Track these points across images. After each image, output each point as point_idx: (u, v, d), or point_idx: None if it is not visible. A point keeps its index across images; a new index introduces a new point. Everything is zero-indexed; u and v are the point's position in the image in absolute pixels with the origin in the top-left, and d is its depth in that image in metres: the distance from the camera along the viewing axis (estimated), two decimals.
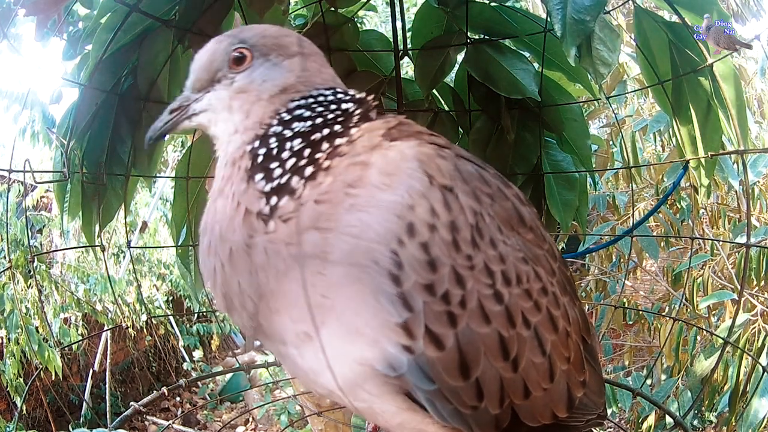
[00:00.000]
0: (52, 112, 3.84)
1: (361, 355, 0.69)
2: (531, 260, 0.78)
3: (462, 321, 0.69)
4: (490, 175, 0.80)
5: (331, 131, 0.78)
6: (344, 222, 0.69)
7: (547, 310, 0.78)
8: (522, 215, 0.81)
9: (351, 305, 0.68)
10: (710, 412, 3.12)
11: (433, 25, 1.72)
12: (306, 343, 0.72)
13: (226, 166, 0.79)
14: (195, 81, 0.85)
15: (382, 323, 0.67)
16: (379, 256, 0.67)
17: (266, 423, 5.73)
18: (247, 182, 0.75)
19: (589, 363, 0.89)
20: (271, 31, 0.85)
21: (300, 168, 0.74)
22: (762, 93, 3.73)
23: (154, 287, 6.28)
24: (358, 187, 0.70)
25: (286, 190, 0.73)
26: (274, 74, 0.82)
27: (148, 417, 5.43)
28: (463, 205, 0.72)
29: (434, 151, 0.75)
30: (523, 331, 0.74)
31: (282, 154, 0.76)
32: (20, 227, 4.12)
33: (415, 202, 0.69)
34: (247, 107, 0.80)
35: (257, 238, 0.72)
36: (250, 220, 0.73)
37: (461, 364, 0.70)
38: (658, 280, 3.93)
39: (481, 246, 0.72)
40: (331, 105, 0.81)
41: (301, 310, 0.70)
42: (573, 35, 1.20)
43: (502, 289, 0.73)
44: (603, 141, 3.53)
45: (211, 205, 0.79)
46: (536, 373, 0.76)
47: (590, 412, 0.90)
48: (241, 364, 1.98)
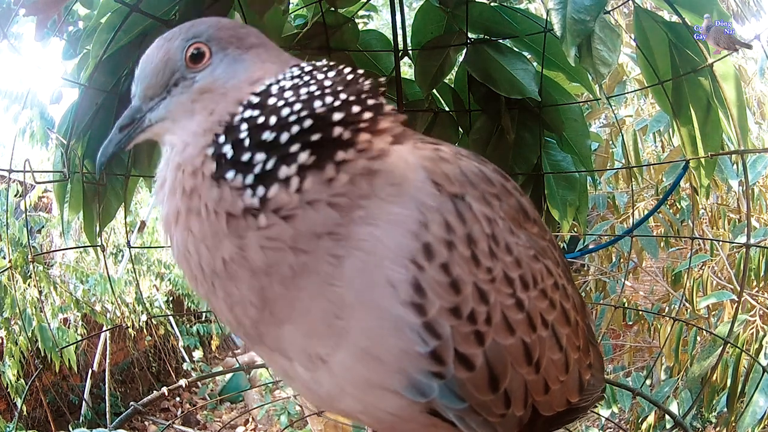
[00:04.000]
0: (52, 112, 3.84)
1: (383, 382, 0.66)
2: (540, 255, 0.77)
3: (489, 337, 0.67)
4: (490, 171, 0.76)
5: (346, 109, 0.68)
6: (356, 235, 0.64)
7: (560, 305, 0.77)
8: (525, 208, 0.79)
9: (368, 331, 0.64)
10: (710, 412, 3.12)
11: (433, 25, 1.72)
12: (320, 367, 0.68)
13: (186, 176, 0.68)
14: (146, 88, 0.75)
15: (405, 351, 0.64)
16: (394, 275, 0.63)
17: (266, 423, 5.73)
18: (218, 187, 0.66)
19: (591, 343, 0.89)
20: (225, 23, 0.78)
21: (291, 155, 0.65)
22: (762, 93, 3.73)
23: (153, 287, 6.28)
24: (366, 198, 0.65)
25: (273, 178, 0.64)
26: (238, 69, 0.73)
27: (148, 417, 5.42)
28: (476, 213, 0.68)
29: (435, 154, 0.71)
30: (543, 332, 0.73)
31: (257, 138, 0.66)
32: (19, 227, 4.12)
33: (428, 218, 0.64)
34: (212, 106, 0.71)
35: (249, 237, 0.65)
36: (236, 223, 0.65)
37: (491, 379, 0.68)
38: (658, 281, 3.93)
39: (498, 255, 0.69)
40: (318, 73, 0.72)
41: (312, 326, 0.66)
42: (573, 35, 1.20)
43: (522, 295, 0.71)
44: (603, 140, 3.53)
45: (181, 228, 0.68)
46: (555, 369, 0.76)
47: (596, 392, 0.91)
48: (241, 364, 1.97)
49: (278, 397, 4.87)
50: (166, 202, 0.71)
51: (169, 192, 0.70)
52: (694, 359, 2.48)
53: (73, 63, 1.53)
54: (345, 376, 0.67)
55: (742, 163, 1.36)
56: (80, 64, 1.51)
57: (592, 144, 1.82)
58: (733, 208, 3.52)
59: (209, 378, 5.95)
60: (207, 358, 7.31)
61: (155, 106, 0.75)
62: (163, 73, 0.74)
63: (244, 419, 5.94)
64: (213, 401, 6.07)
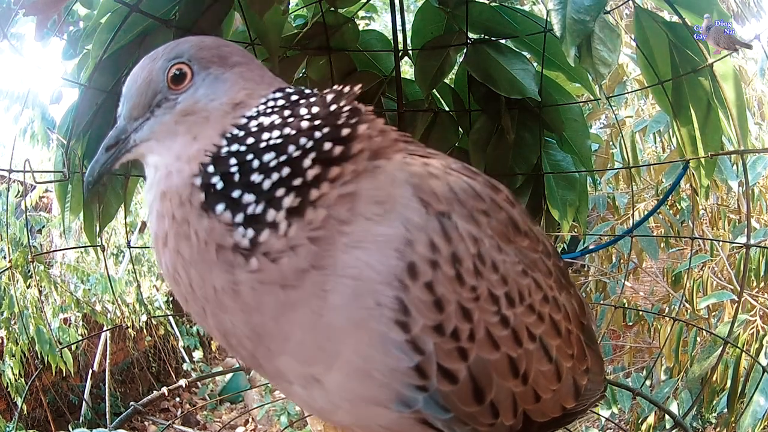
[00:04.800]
0: (52, 113, 3.84)
1: (374, 397, 0.68)
2: (529, 269, 0.77)
3: (472, 353, 0.68)
4: (480, 185, 0.75)
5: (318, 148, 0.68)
6: (342, 263, 0.64)
7: (549, 318, 0.78)
8: (515, 221, 0.78)
9: (358, 351, 0.66)
10: (710, 412, 3.12)
11: (433, 25, 1.72)
12: (314, 385, 0.70)
13: (173, 206, 0.68)
14: (131, 108, 0.76)
15: (392, 368, 0.66)
16: (382, 297, 0.64)
17: (266, 423, 5.73)
18: (207, 217, 0.66)
19: (589, 347, 0.89)
20: (208, 42, 0.77)
21: (276, 199, 0.65)
22: (762, 94, 3.72)
23: (153, 287, 6.27)
24: (349, 223, 0.65)
25: (262, 222, 0.65)
26: (219, 89, 0.73)
27: (148, 417, 5.42)
28: (461, 232, 0.69)
29: (424, 169, 0.71)
30: (530, 346, 0.74)
31: (247, 178, 0.67)
32: (20, 227, 4.12)
33: (414, 237, 0.65)
34: (196, 130, 0.71)
35: (240, 276, 0.65)
36: (226, 256, 0.65)
37: (475, 391, 0.69)
38: (658, 281, 3.93)
39: (483, 273, 0.70)
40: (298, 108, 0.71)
41: (306, 354, 0.68)
42: (573, 35, 1.20)
43: (507, 312, 0.71)
44: (603, 141, 3.53)
45: (170, 252, 0.68)
46: (545, 379, 0.76)
47: (594, 395, 0.91)
48: (241, 365, 1.97)
49: (278, 397, 4.87)
50: (155, 225, 0.71)
51: (157, 218, 0.70)
52: (694, 359, 2.48)
53: (73, 63, 1.53)
54: (337, 392, 0.69)
55: (742, 163, 1.36)
56: (80, 64, 1.51)
57: (592, 144, 1.82)
58: (733, 208, 3.51)
59: (209, 378, 5.95)
60: (207, 358, 7.31)
61: (139, 126, 0.75)
62: (146, 94, 0.75)
63: (244, 419, 5.94)
64: (213, 401, 6.07)
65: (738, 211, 3.44)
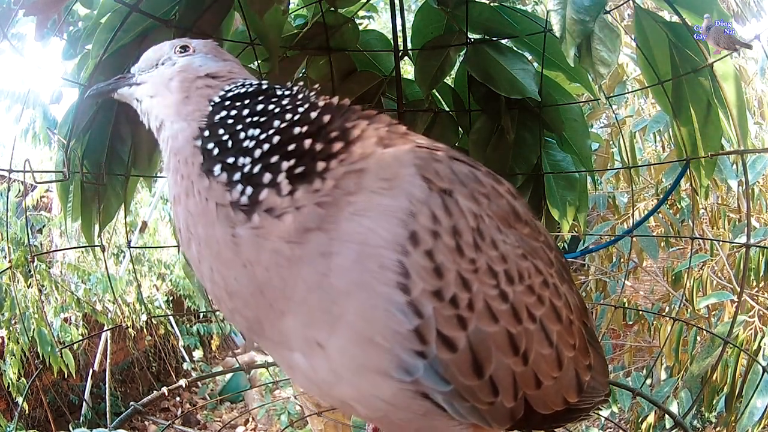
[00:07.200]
0: (52, 112, 3.85)
1: (377, 364, 0.70)
2: (530, 255, 0.80)
3: (471, 322, 0.70)
4: (482, 174, 0.80)
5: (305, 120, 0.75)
6: (347, 229, 0.68)
7: (550, 302, 0.80)
8: (517, 210, 0.82)
9: (362, 314, 0.68)
10: (710, 412, 3.12)
11: (433, 25, 1.72)
12: (317, 352, 0.72)
13: (181, 164, 0.77)
14: (141, 64, 0.92)
15: (394, 331, 0.68)
16: (386, 261, 0.67)
17: (266, 423, 5.74)
18: (207, 178, 0.73)
19: (592, 345, 0.92)
20: (210, 43, 0.94)
21: (272, 164, 0.71)
22: (762, 93, 3.72)
23: (154, 287, 6.28)
24: (356, 194, 0.70)
25: (261, 183, 0.70)
26: (210, 62, 0.88)
27: (148, 417, 5.42)
28: (462, 208, 0.72)
29: (429, 154, 0.75)
30: (530, 325, 0.76)
31: (239, 145, 0.74)
32: (20, 227, 4.13)
33: (417, 209, 0.69)
34: (186, 86, 0.83)
35: (240, 230, 0.70)
36: (226, 212, 0.71)
37: (474, 363, 0.71)
38: (658, 281, 3.93)
39: (482, 248, 0.73)
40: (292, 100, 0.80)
41: (310, 315, 0.70)
42: (573, 36, 1.20)
43: (507, 288, 0.74)
44: (603, 140, 3.53)
45: (182, 209, 0.76)
46: (545, 364, 0.78)
47: (598, 395, 0.92)
48: (241, 364, 1.97)
49: (278, 397, 4.88)
50: (171, 184, 0.79)
51: (172, 174, 0.79)
52: (694, 359, 2.48)
53: (73, 63, 1.53)
54: (340, 360, 0.71)
55: (741, 163, 1.36)
56: (80, 64, 1.51)
57: (592, 144, 1.82)
58: (733, 208, 3.51)
59: (209, 378, 5.95)
60: (207, 358, 7.32)
61: (144, 73, 0.91)
62: (156, 58, 0.91)
63: (244, 419, 5.95)
64: (213, 401, 6.08)
65: (738, 211, 3.44)
